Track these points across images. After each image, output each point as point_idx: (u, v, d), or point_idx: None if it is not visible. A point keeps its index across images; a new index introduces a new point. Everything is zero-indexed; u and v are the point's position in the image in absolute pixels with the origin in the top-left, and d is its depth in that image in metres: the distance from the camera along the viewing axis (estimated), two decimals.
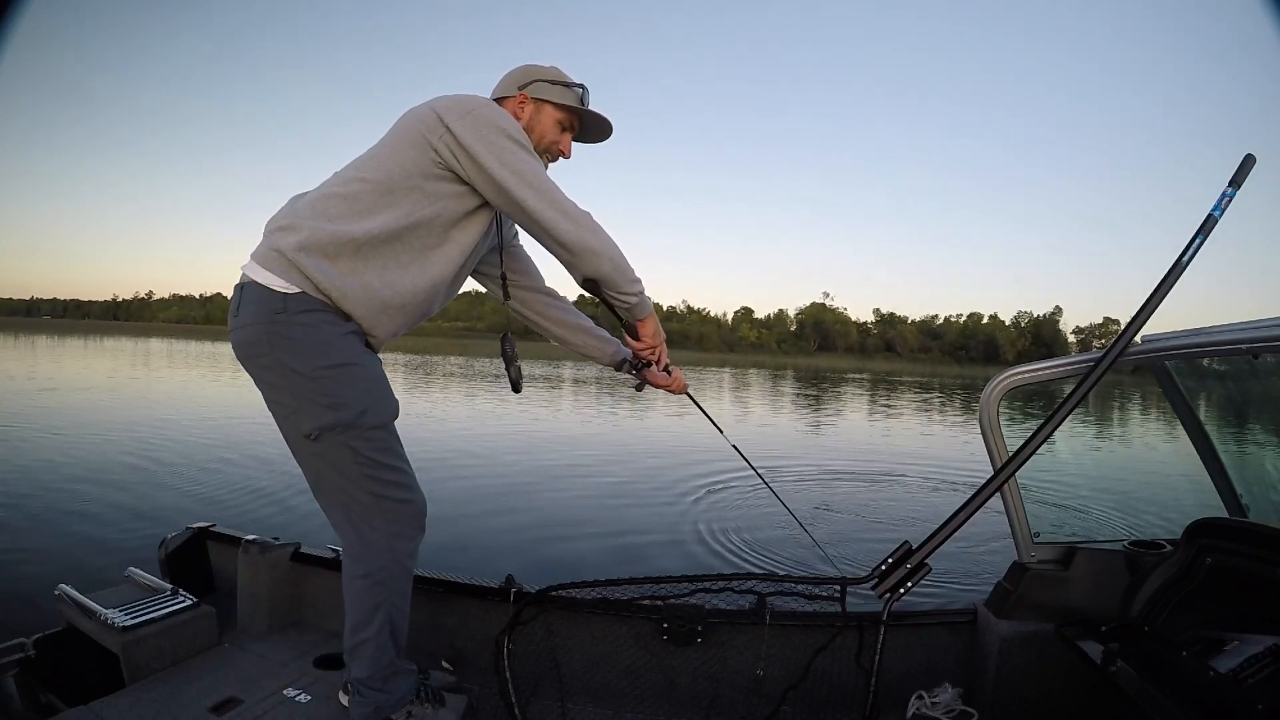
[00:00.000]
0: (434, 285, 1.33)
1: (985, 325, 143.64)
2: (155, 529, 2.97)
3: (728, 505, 5.52)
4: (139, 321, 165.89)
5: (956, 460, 8.53)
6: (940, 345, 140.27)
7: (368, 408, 1.26)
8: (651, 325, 1.46)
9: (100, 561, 3.37)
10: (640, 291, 1.36)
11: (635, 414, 12.34)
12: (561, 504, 5.35)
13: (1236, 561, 1.33)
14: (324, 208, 1.25)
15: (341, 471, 1.27)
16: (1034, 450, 1.36)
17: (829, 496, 5.78)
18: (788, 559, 4.15)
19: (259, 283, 1.22)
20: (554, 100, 1.40)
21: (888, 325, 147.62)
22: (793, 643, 1.62)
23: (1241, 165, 1.30)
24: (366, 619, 1.33)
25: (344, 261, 1.23)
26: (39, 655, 1.55)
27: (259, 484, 5.30)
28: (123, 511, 4.41)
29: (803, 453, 8.65)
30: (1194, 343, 1.34)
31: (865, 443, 10.55)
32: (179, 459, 6.16)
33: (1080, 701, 1.52)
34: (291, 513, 4.53)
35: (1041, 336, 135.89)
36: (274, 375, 1.24)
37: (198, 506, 4.64)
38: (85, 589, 1.69)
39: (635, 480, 6.41)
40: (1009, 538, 1.61)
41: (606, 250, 1.28)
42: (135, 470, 5.64)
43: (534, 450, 7.86)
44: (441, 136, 1.23)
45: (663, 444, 8.66)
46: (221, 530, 2.08)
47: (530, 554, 4.05)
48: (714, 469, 6.47)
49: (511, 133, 1.25)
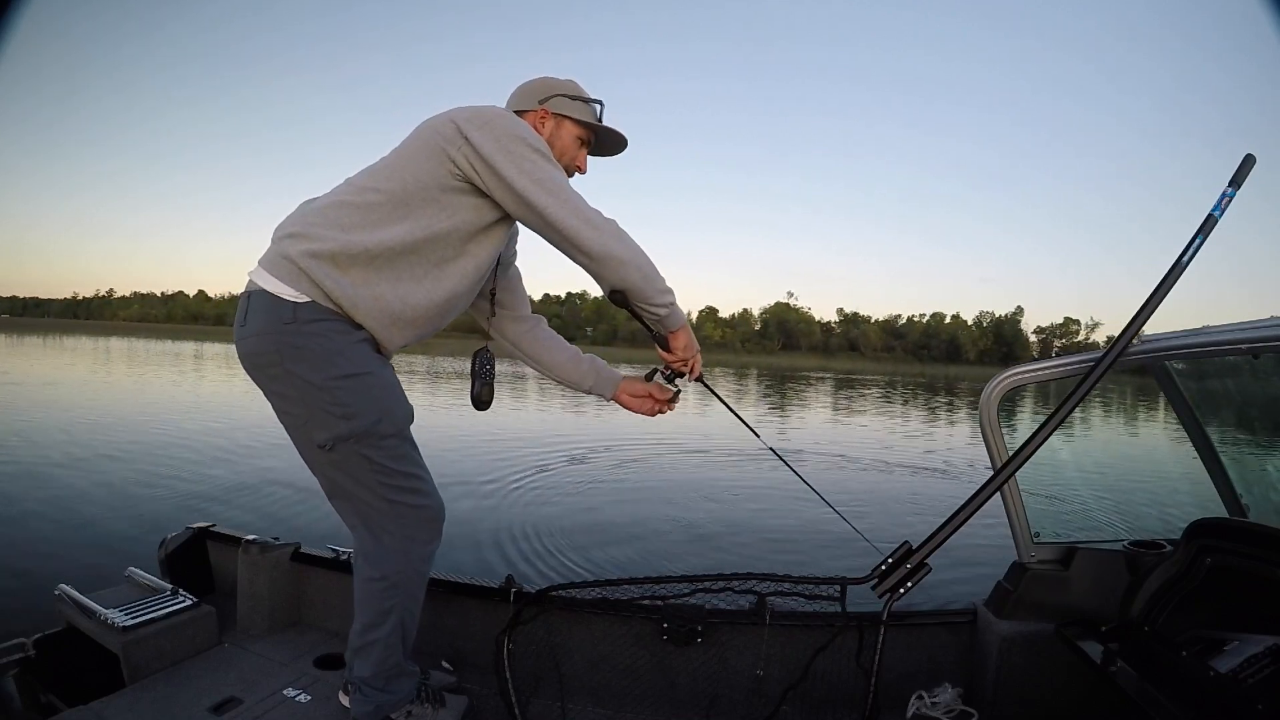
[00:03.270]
0: (448, 299, 1.30)
1: (948, 325, 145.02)
2: (155, 529, 2.96)
3: (732, 501, 5.52)
4: (100, 320, 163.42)
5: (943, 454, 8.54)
6: (903, 344, 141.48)
7: (382, 416, 1.24)
8: (684, 337, 1.39)
9: (100, 561, 3.37)
10: (671, 302, 1.31)
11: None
12: (562, 504, 5.35)
13: (1236, 561, 1.33)
14: (337, 216, 1.22)
15: (356, 479, 1.26)
16: (1034, 450, 1.36)
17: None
18: (787, 559, 4.16)
19: (268, 291, 1.19)
20: (575, 116, 1.38)
21: (851, 325, 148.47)
22: (793, 643, 1.62)
23: (1241, 165, 1.30)
24: (378, 620, 1.33)
25: (356, 272, 1.20)
26: (39, 655, 1.55)
27: (259, 484, 5.30)
28: (123, 511, 4.41)
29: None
30: (1194, 343, 1.34)
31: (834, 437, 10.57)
32: (179, 459, 6.16)
33: (1080, 701, 1.52)
34: (292, 513, 4.53)
35: (1003, 336, 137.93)
36: (284, 386, 1.21)
37: (198, 507, 4.64)
38: (85, 589, 1.69)
39: (636, 480, 6.41)
40: (1009, 537, 1.61)
41: (634, 259, 1.24)
42: (135, 470, 5.64)
43: (534, 451, 7.86)
44: (460, 148, 1.21)
45: (660, 442, 8.65)
46: (221, 530, 2.08)
47: (530, 554, 4.05)
48: (709, 464, 6.47)
49: (532, 141, 1.22)
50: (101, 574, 2.08)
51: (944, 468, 8.27)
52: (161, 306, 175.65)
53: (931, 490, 6.80)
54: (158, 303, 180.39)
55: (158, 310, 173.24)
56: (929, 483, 7.22)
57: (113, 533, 3.97)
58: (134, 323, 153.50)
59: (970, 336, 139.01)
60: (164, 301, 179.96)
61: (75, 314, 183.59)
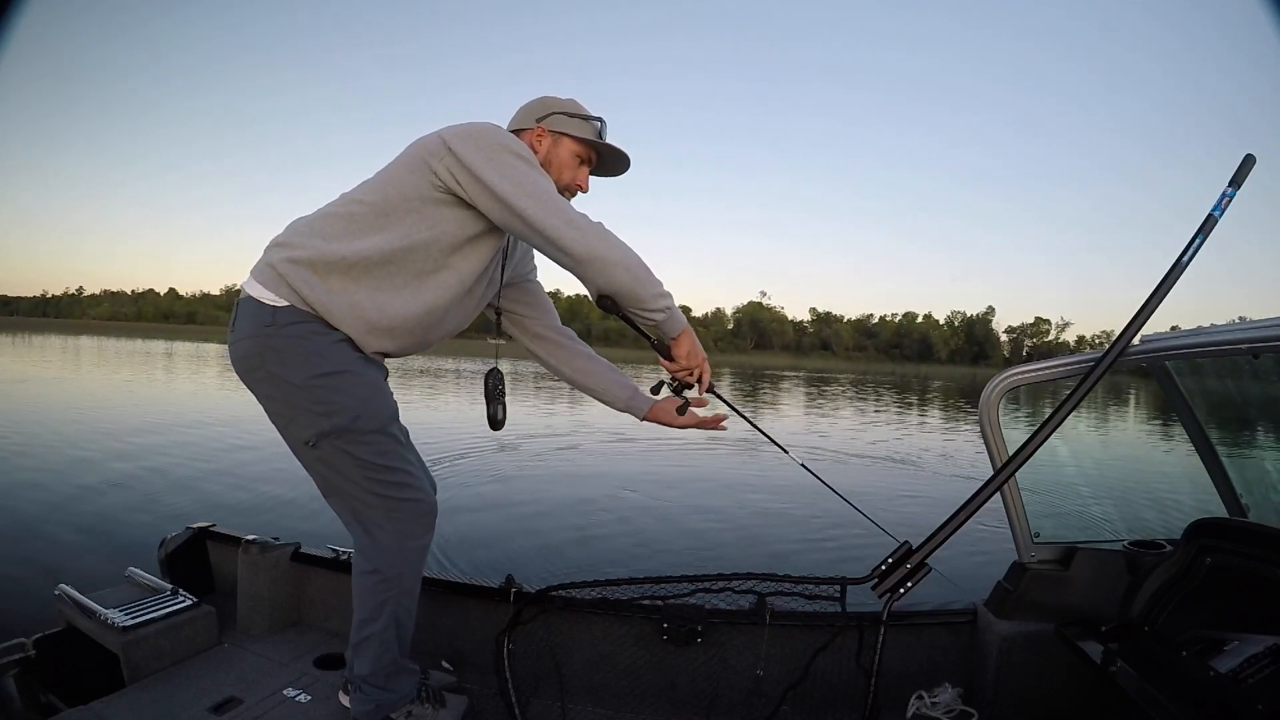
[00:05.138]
0: (427, 311, 1.30)
1: (919, 324, 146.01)
2: (155, 529, 2.96)
3: (733, 500, 5.52)
4: (69, 319, 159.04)
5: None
6: (875, 344, 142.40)
7: (360, 413, 1.26)
8: (686, 344, 1.32)
9: (100, 561, 3.38)
10: (667, 306, 1.25)
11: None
12: (561, 504, 5.35)
13: (1236, 561, 1.33)
14: (321, 227, 1.26)
15: (344, 475, 1.28)
16: (1034, 450, 1.36)
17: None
18: (788, 559, 4.15)
19: (252, 296, 1.24)
20: (572, 133, 1.37)
21: (824, 324, 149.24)
22: (793, 643, 1.62)
23: (1241, 165, 1.30)
24: (372, 615, 1.34)
25: (334, 280, 1.23)
26: (39, 655, 1.55)
27: (259, 484, 5.30)
28: (123, 511, 4.42)
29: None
30: (1194, 343, 1.34)
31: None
32: (179, 459, 6.17)
33: (1080, 701, 1.52)
34: (291, 513, 4.53)
35: (974, 335, 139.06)
36: (269, 387, 1.25)
37: (198, 506, 4.65)
38: (85, 589, 1.69)
39: (633, 479, 6.41)
40: (1009, 537, 1.61)
41: (622, 259, 1.20)
42: (134, 470, 5.64)
43: (535, 449, 7.86)
44: (443, 159, 1.21)
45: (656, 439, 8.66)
46: (221, 530, 2.08)
47: (530, 554, 4.05)
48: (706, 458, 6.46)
49: (515, 149, 1.22)
50: (101, 574, 2.08)
51: (916, 461, 8.29)
52: (132, 305, 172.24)
53: (923, 488, 6.80)
54: (128, 300, 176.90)
55: (128, 308, 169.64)
56: (924, 480, 7.23)
57: (113, 533, 3.97)
58: (105, 321, 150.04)
59: (942, 336, 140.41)
60: (134, 300, 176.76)
61: (45, 312, 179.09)
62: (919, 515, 5.40)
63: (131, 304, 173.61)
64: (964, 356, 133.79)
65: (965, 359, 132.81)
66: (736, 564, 1.72)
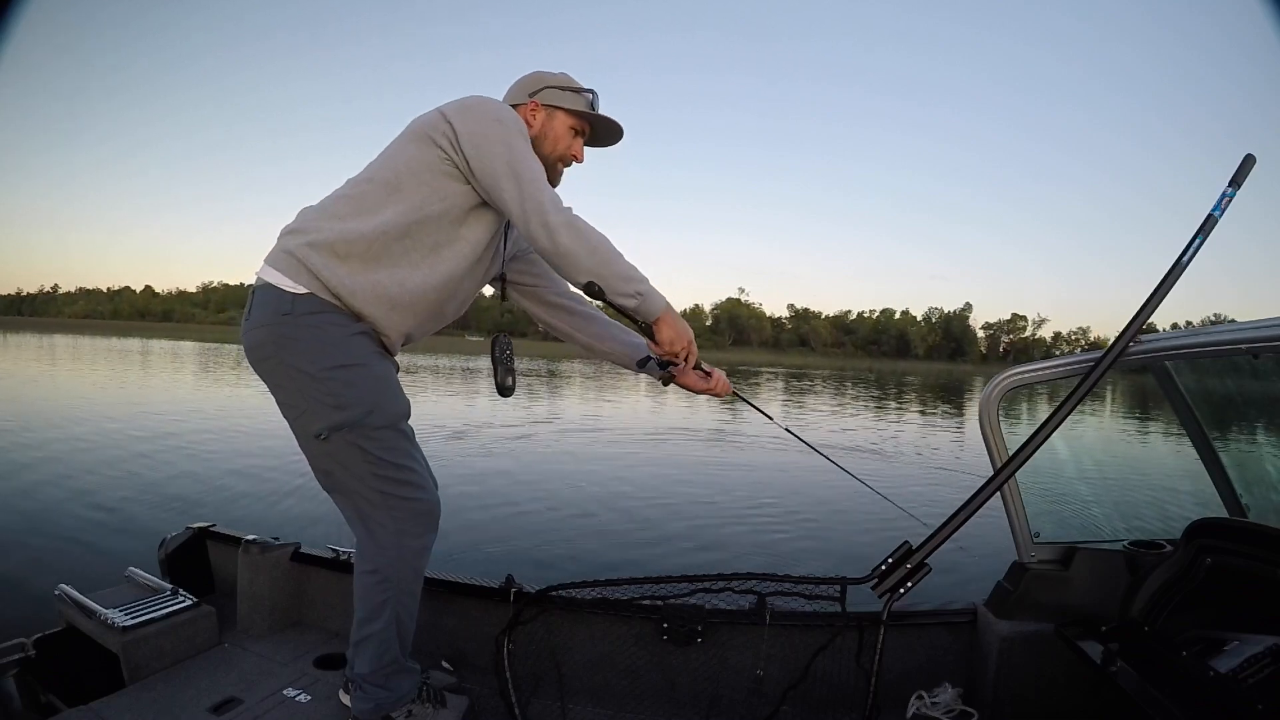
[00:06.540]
0: (445, 283, 1.32)
1: (897, 321, 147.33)
2: (155, 529, 2.96)
3: (733, 499, 5.52)
4: (44, 317, 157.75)
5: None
6: (853, 340, 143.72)
7: (374, 408, 1.26)
8: (667, 327, 1.31)
9: (100, 561, 3.38)
10: (639, 292, 1.25)
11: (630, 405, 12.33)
12: (561, 504, 5.35)
13: (1236, 561, 1.33)
14: (335, 209, 1.27)
15: (350, 470, 1.28)
16: (1034, 450, 1.36)
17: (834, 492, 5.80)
18: (788, 559, 4.16)
19: (270, 283, 1.23)
20: (565, 106, 1.40)
21: (802, 320, 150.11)
22: (793, 643, 1.62)
23: (1241, 165, 1.30)
24: (373, 614, 1.34)
25: (354, 260, 1.24)
26: (39, 655, 1.55)
27: (259, 484, 5.30)
28: (123, 511, 4.42)
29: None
30: (1194, 343, 1.34)
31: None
32: (178, 459, 6.16)
33: (1080, 701, 1.52)
34: (291, 513, 4.53)
35: (951, 332, 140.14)
36: (281, 377, 1.24)
37: (198, 507, 4.65)
38: (85, 589, 1.69)
39: (633, 477, 6.41)
40: (1009, 537, 1.61)
41: (589, 249, 1.21)
42: (135, 470, 5.64)
43: (535, 450, 7.86)
44: (444, 132, 1.25)
45: (654, 434, 8.66)
46: (221, 530, 2.08)
47: (530, 554, 4.05)
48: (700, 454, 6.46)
49: (507, 122, 1.26)
50: (101, 574, 2.08)
51: (901, 456, 8.29)
52: (108, 302, 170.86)
53: (919, 489, 6.81)
54: (104, 298, 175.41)
55: (104, 306, 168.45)
56: (918, 479, 7.23)
57: (113, 532, 3.97)
58: (81, 319, 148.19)
59: (919, 332, 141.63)
60: (110, 297, 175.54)
61: (20, 310, 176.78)
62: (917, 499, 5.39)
63: (108, 301, 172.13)
64: (941, 353, 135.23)
65: (942, 355, 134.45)
66: (736, 564, 1.72)
